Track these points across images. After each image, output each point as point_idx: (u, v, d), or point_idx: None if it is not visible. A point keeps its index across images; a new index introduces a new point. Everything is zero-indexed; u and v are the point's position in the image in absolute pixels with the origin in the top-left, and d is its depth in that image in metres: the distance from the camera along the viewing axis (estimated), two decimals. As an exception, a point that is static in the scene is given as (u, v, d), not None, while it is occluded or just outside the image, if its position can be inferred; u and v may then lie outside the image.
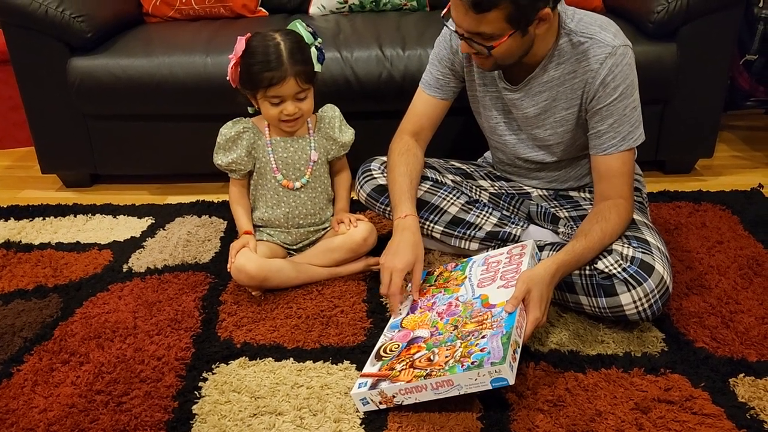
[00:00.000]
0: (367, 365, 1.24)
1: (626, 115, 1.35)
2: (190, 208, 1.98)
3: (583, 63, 1.36)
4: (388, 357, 1.24)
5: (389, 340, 1.30)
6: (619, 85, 1.33)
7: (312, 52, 1.49)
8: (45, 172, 2.15)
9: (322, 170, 1.62)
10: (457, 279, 1.41)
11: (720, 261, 1.60)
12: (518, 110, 1.49)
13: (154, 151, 2.10)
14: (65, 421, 1.17)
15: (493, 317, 1.21)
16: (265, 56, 1.43)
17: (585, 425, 1.13)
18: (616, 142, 1.36)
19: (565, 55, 1.38)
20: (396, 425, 1.14)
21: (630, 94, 1.35)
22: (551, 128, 1.47)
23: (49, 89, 2.01)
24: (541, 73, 1.41)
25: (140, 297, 1.53)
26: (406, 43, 1.97)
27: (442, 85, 1.55)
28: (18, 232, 1.87)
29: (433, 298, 1.38)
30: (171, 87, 1.95)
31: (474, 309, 1.27)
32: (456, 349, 1.17)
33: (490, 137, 1.63)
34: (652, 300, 1.29)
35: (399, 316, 1.37)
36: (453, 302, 1.33)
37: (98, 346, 1.37)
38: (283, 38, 1.46)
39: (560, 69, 1.39)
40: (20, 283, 1.62)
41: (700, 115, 2.01)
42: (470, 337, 1.18)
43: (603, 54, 1.33)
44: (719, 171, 2.16)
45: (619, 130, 1.35)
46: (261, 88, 1.46)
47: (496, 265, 1.38)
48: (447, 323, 1.27)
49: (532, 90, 1.44)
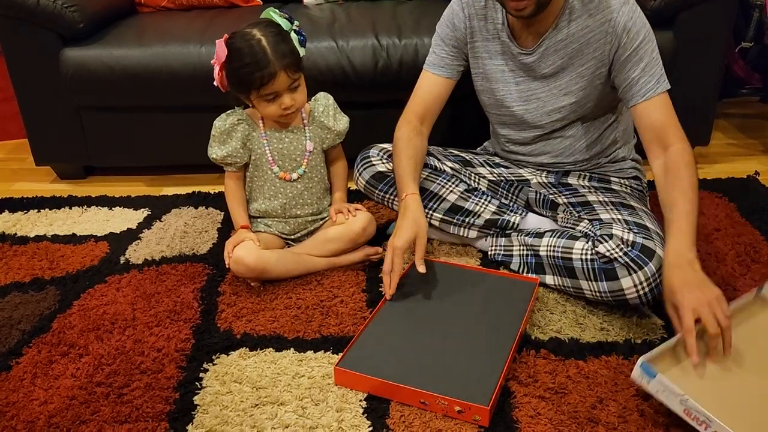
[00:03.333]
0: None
1: (654, 58, 1.37)
2: (187, 199, 1.97)
3: (598, 17, 1.38)
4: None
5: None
6: (640, 29, 1.36)
7: (293, 38, 1.47)
8: (39, 164, 2.13)
9: (318, 160, 1.61)
10: None
11: (718, 248, 1.60)
12: (535, 72, 1.49)
13: (148, 143, 2.09)
14: (66, 414, 1.17)
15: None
16: (251, 57, 1.41)
17: (587, 412, 1.13)
18: (653, 84, 1.36)
19: (576, 11, 1.39)
20: (398, 414, 1.14)
21: (652, 38, 1.38)
22: (567, 86, 1.47)
23: (41, 80, 1.99)
24: (554, 32, 1.42)
25: (138, 288, 1.52)
26: (401, 32, 1.96)
27: (447, 63, 1.55)
28: (13, 224, 1.86)
29: None
30: (165, 77, 1.94)
31: None
32: None
33: (497, 113, 1.60)
34: (653, 284, 1.30)
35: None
36: None
37: (97, 338, 1.36)
38: (263, 33, 1.42)
39: (573, 26, 1.40)
40: (17, 275, 1.61)
41: (696, 102, 2.01)
42: None
43: (617, 3, 1.36)
44: (715, 159, 2.17)
45: (653, 72, 1.36)
46: (254, 88, 1.44)
47: None
48: None
49: (549, 50, 1.44)
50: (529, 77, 1.50)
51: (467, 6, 1.51)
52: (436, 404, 1.13)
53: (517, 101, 1.54)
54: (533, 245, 1.49)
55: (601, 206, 1.47)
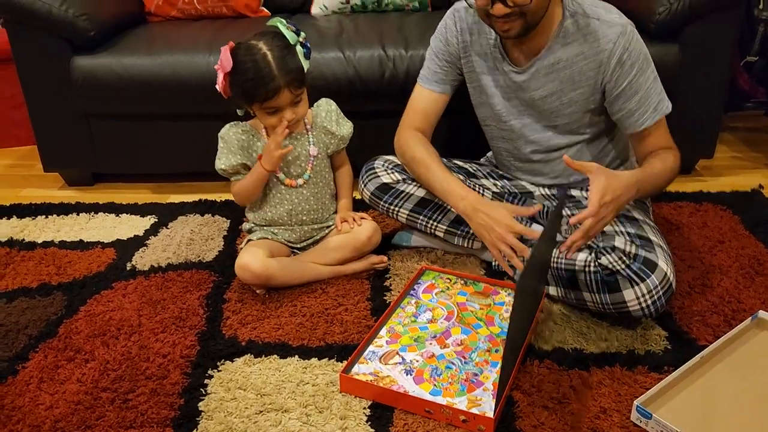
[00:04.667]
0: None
1: (650, 87, 1.39)
2: (193, 207, 1.99)
3: (594, 44, 1.38)
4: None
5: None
6: (635, 61, 1.36)
7: (297, 50, 1.47)
8: (47, 170, 2.15)
9: (322, 165, 1.62)
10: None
11: (722, 260, 1.60)
12: (525, 92, 1.49)
13: (155, 150, 2.10)
14: (71, 418, 1.17)
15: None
16: (256, 72, 1.41)
17: (590, 422, 1.14)
18: (649, 114, 1.40)
19: (570, 36, 1.40)
20: (402, 422, 1.15)
21: (647, 66, 1.39)
22: (560, 113, 1.48)
23: (51, 88, 2.01)
24: (547, 54, 1.42)
25: (144, 295, 1.53)
26: (408, 43, 1.98)
27: (440, 78, 1.56)
28: (21, 230, 1.87)
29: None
30: (173, 86, 1.96)
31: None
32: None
33: (495, 127, 1.61)
34: (656, 296, 1.30)
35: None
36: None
37: (103, 343, 1.37)
38: (269, 47, 1.43)
39: (567, 50, 1.41)
40: (24, 281, 1.62)
41: (701, 115, 2.02)
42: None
43: (614, 33, 1.36)
44: (719, 172, 2.17)
45: (648, 103, 1.39)
46: (256, 102, 1.45)
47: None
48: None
49: (540, 71, 1.45)
50: (519, 95, 1.51)
51: (460, 20, 1.52)
52: (441, 413, 1.13)
53: (512, 117, 1.55)
54: (537, 256, 1.49)
55: (604, 218, 1.48)
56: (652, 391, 1.15)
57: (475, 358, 1.26)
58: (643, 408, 1.11)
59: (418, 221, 1.62)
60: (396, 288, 1.54)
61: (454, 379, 1.21)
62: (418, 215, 1.61)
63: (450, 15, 1.53)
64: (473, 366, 1.24)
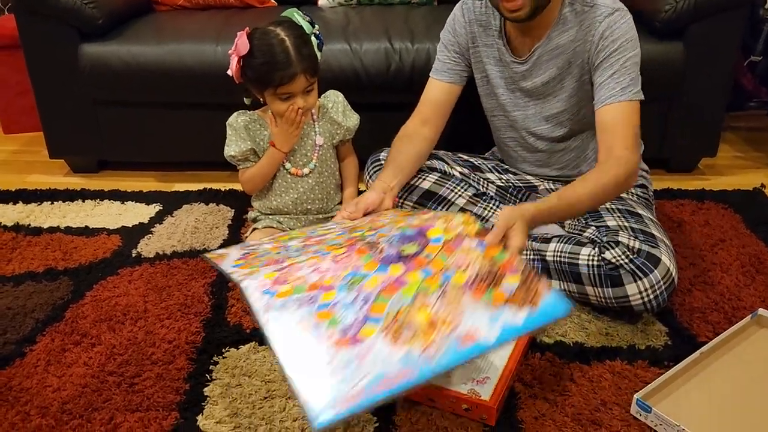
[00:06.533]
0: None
1: (627, 67, 1.36)
2: (198, 195, 2.00)
3: (586, 29, 1.40)
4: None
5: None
6: (618, 38, 1.36)
7: (312, 41, 1.49)
8: (53, 156, 2.16)
9: (328, 155, 1.64)
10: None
11: (723, 258, 1.62)
12: (526, 82, 1.51)
13: (161, 139, 2.11)
14: (78, 401, 1.19)
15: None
16: (273, 56, 1.43)
17: (590, 414, 1.15)
18: (617, 92, 1.36)
19: (568, 23, 1.42)
20: (405, 411, 1.16)
21: (630, 48, 1.37)
22: (559, 98, 1.50)
23: (58, 75, 2.01)
24: (546, 42, 1.44)
25: (150, 282, 1.54)
26: (414, 36, 1.99)
27: (449, 68, 1.58)
28: (27, 215, 1.89)
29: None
30: (180, 75, 1.97)
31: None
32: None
33: (501, 116, 1.63)
34: (658, 291, 1.31)
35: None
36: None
37: (109, 328, 1.38)
38: (287, 33, 1.45)
39: (564, 36, 1.43)
40: (30, 265, 1.63)
41: (704, 114, 2.03)
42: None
43: (603, 15, 1.38)
44: (721, 171, 2.19)
45: (620, 80, 1.36)
46: (271, 86, 1.46)
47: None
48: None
49: (540, 60, 1.47)
50: (521, 86, 1.53)
51: (468, 11, 1.54)
52: (444, 401, 1.15)
53: (516, 108, 1.57)
54: (540, 250, 1.51)
55: (608, 213, 1.49)
56: (652, 386, 1.16)
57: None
58: (643, 402, 1.12)
59: (423, 213, 1.63)
60: (399, 279, 1.55)
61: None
62: (422, 207, 1.62)
63: (459, 6, 1.56)
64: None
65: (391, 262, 1.04)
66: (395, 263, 1.04)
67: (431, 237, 1.09)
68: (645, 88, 1.39)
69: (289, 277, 1.02)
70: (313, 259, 1.06)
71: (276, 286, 1.00)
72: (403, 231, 1.11)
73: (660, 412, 1.10)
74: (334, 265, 1.04)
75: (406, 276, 1.01)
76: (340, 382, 0.84)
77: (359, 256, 1.06)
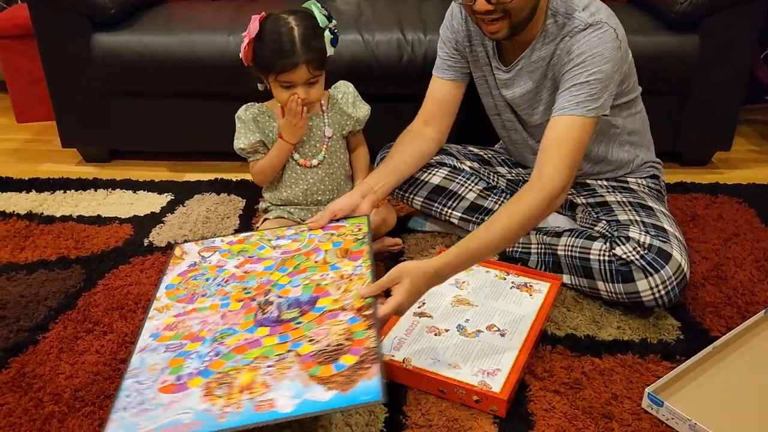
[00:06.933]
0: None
1: (588, 82, 1.30)
2: (209, 185, 2.00)
3: (558, 42, 1.37)
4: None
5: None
6: (583, 52, 1.31)
7: (325, 35, 1.48)
8: (65, 146, 2.17)
9: (338, 146, 1.63)
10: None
11: (736, 253, 1.61)
12: (507, 90, 1.51)
13: (173, 129, 2.12)
14: (91, 388, 1.20)
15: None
16: (278, 43, 1.43)
17: (601, 408, 1.15)
18: (569, 104, 1.31)
19: (549, 35, 1.39)
20: (415, 401, 1.16)
21: (594, 63, 1.30)
22: (536, 111, 1.49)
23: (71, 64, 2.02)
24: (530, 54, 1.42)
25: (161, 271, 1.55)
26: (427, 27, 1.98)
27: (450, 65, 1.56)
28: (39, 204, 1.90)
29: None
30: (192, 65, 1.97)
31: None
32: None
33: (496, 117, 1.63)
34: (669, 287, 1.31)
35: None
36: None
37: (121, 317, 1.39)
38: (297, 23, 1.45)
39: (545, 50, 1.40)
40: (43, 253, 1.64)
41: (719, 107, 2.01)
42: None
43: (576, 29, 1.33)
44: (735, 164, 2.17)
45: (576, 94, 1.31)
46: (273, 72, 1.46)
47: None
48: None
49: (522, 71, 1.45)
50: (503, 93, 1.52)
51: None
52: (454, 393, 1.15)
53: (506, 110, 1.57)
54: (551, 244, 1.50)
55: (619, 207, 1.48)
56: (664, 379, 1.16)
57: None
58: (655, 395, 1.12)
59: (433, 208, 1.63)
60: (410, 271, 1.55)
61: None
62: (432, 202, 1.62)
63: (456, 2, 1.53)
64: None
65: (263, 325, 1.13)
66: (265, 326, 1.13)
67: (317, 305, 1.15)
68: (659, 80, 1.38)
69: (179, 325, 1.17)
70: (212, 309, 1.19)
71: (164, 331, 1.16)
72: (302, 293, 1.19)
73: (672, 406, 1.10)
74: (220, 320, 1.16)
75: (264, 339, 1.10)
76: (143, 420, 0.97)
77: (245, 314, 1.17)
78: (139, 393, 1.02)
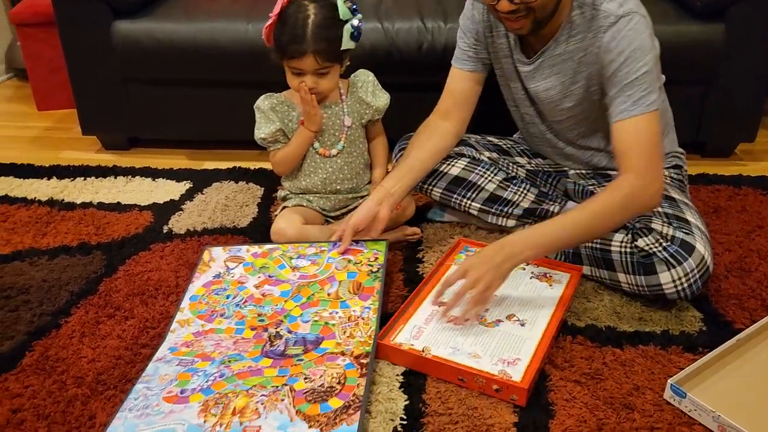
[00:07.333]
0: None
1: (638, 78, 1.28)
2: (228, 173, 2.01)
3: (592, 37, 1.34)
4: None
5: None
6: (623, 51, 1.29)
7: (346, 29, 1.47)
8: (85, 133, 2.18)
9: (357, 135, 1.63)
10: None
11: (760, 245, 1.58)
12: (528, 83, 1.49)
13: (192, 117, 2.12)
14: (113, 372, 1.21)
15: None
16: (292, 28, 1.43)
17: (622, 398, 1.14)
18: (627, 106, 1.29)
19: (576, 28, 1.36)
20: (435, 389, 1.16)
21: (638, 58, 1.28)
22: (562, 108, 1.47)
23: (92, 52, 2.03)
24: (553, 46, 1.40)
25: (181, 257, 1.56)
26: (447, 15, 1.96)
27: (470, 56, 1.54)
28: (60, 190, 1.91)
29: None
30: (212, 53, 1.97)
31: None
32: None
33: (515, 110, 1.62)
34: (692, 279, 1.29)
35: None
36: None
37: (142, 302, 1.40)
38: (316, 11, 1.44)
39: (571, 43, 1.38)
40: (65, 239, 1.66)
41: (743, 98, 1.98)
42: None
43: (607, 23, 1.31)
44: (759, 156, 2.13)
45: (630, 94, 1.29)
46: (285, 57, 1.47)
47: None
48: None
49: (544, 63, 1.43)
50: (525, 86, 1.50)
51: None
52: (474, 381, 1.14)
53: (527, 104, 1.55)
54: (572, 234, 1.49)
55: (641, 197, 1.46)
56: (687, 371, 1.14)
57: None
58: (678, 387, 1.11)
59: (452, 199, 1.62)
60: (429, 260, 1.55)
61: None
62: (452, 193, 1.61)
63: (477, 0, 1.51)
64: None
65: (267, 356, 1.21)
66: (270, 357, 1.21)
67: (320, 346, 1.23)
68: (682, 69, 1.36)
69: (195, 344, 1.25)
70: (227, 333, 1.27)
71: (181, 347, 1.24)
72: (310, 331, 1.27)
73: (695, 397, 1.08)
74: (232, 345, 1.24)
75: (266, 370, 1.17)
76: (143, 423, 1.06)
77: (254, 344, 1.25)
78: (145, 398, 1.11)
